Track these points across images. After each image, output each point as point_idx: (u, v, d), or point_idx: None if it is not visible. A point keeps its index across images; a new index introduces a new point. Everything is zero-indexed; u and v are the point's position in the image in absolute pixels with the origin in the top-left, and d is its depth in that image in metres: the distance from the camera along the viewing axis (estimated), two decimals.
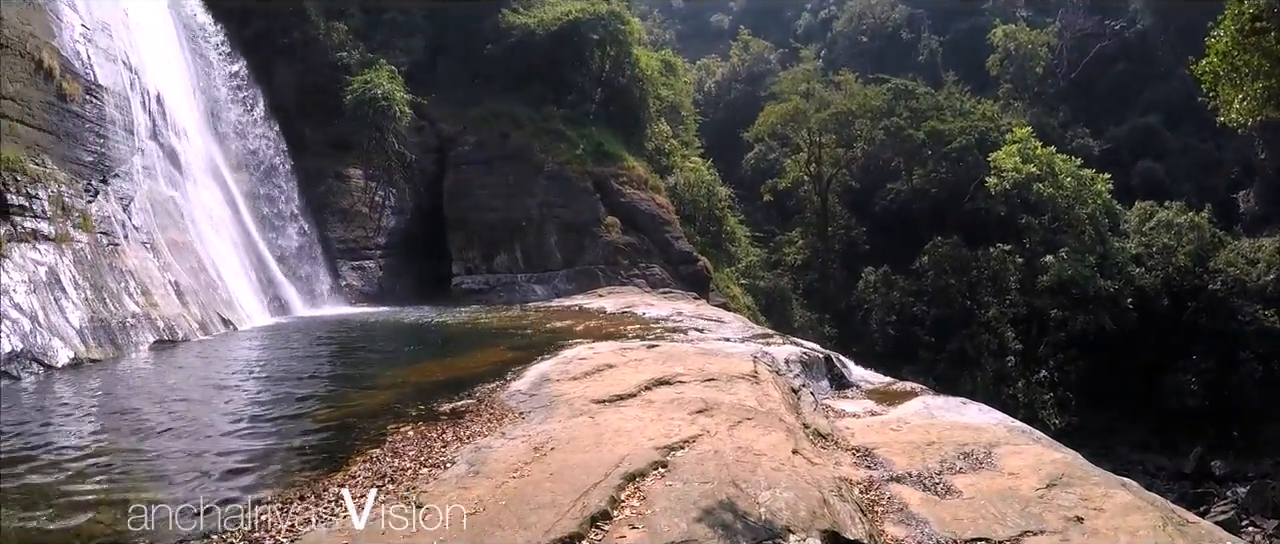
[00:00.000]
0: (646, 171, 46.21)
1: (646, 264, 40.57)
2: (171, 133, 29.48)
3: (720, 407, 10.78)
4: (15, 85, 21.57)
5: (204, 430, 12.08)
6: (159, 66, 29.71)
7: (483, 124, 43.41)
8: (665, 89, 56.58)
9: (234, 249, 31.05)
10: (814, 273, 59.01)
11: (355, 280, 37.24)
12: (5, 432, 12.01)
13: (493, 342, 21.14)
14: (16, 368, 16.78)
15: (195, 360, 20.80)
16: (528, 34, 46.16)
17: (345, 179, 39.00)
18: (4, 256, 18.73)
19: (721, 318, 25.52)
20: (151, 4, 30.93)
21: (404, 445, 10.10)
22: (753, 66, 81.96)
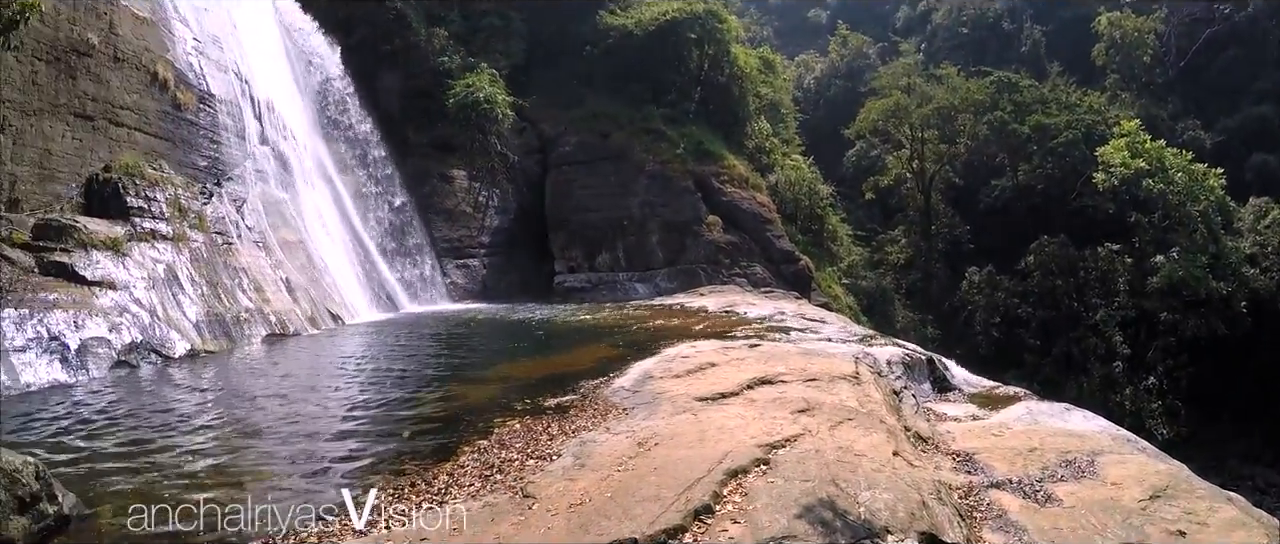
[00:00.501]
0: (747, 170, 45.60)
1: (748, 263, 40.03)
2: (281, 137, 30.41)
3: (821, 407, 10.65)
4: (132, 96, 22.62)
5: (316, 419, 12.37)
6: (268, 75, 30.76)
7: (583, 125, 43.62)
8: (764, 86, 56.02)
9: (342, 247, 31.84)
10: (917, 272, 57.54)
11: (460, 278, 37.74)
12: (125, 418, 12.54)
13: (595, 339, 21.20)
14: (136, 358, 17.47)
15: (306, 353, 21.39)
16: (625, 35, 46.15)
17: (449, 180, 39.61)
18: (125, 255, 19.51)
19: (823, 318, 25.15)
20: (258, 16, 32.01)
21: (511, 438, 10.22)
22: (852, 62, 79.98)
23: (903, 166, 60.00)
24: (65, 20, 20.38)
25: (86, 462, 9.82)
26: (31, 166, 19.27)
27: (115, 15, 22.23)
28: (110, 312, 17.80)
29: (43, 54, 19.60)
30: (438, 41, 41.39)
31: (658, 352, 16.20)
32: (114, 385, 15.69)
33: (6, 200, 18.44)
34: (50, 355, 15.80)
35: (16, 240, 17.65)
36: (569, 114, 44.14)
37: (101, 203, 20.79)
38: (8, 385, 14.43)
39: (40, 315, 16.18)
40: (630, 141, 42.86)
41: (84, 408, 13.38)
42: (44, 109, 19.73)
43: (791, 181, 50.51)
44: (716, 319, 24.92)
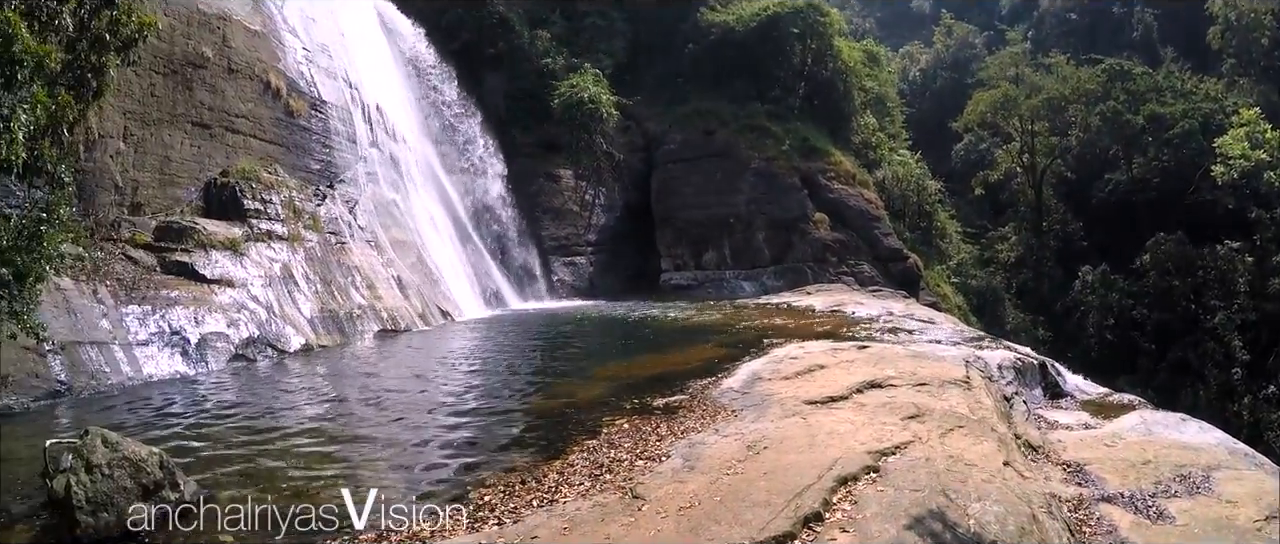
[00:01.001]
0: (854, 166, 44.96)
1: (855, 261, 39.43)
2: (391, 140, 31.12)
3: (932, 413, 10.43)
4: (247, 104, 23.44)
5: (427, 413, 12.55)
6: (376, 80, 31.50)
7: (687, 122, 43.47)
8: (869, 80, 54.98)
9: (451, 246, 32.40)
10: (1027, 271, 55.53)
11: (566, 276, 38.08)
12: (243, 409, 12.96)
13: (702, 338, 21.05)
14: (253, 352, 18.06)
15: (417, 348, 21.81)
16: (727, 31, 45.89)
17: (556, 179, 39.99)
18: (243, 254, 20.21)
19: (932, 319, 24.58)
20: (365, 24, 32.86)
21: (619, 437, 10.19)
22: (957, 52, 78.20)
23: (1012, 160, 58.39)
24: (180, 35, 21.19)
25: (207, 450, 10.17)
26: (153, 172, 20.06)
27: (228, 29, 23.05)
28: (228, 308, 18.41)
29: (160, 68, 20.41)
30: (541, 43, 41.90)
31: (766, 352, 16.03)
32: (232, 378, 16.26)
33: (130, 204, 19.23)
34: (171, 349, 16.43)
35: (139, 241, 18.41)
36: (673, 112, 44.09)
37: (220, 205, 21.54)
38: (131, 376, 15.06)
39: (162, 311, 16.84)
40: (735, 138, 42.57)
41: (204, 398, 13.91)
42: (163, 119, 20.55)
43: (899, 177, 49.77)
44: (824, 319, 24.64)
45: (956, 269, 50.19)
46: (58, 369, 13.86)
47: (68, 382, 13.89)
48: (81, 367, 14.39)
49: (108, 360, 14.99)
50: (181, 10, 21.40)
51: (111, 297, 16.22)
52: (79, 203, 17.74)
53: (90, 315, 15.38)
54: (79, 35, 11.09)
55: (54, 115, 10.12)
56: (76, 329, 14.88)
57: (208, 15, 22.37)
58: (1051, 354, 23.39)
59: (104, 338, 15.30)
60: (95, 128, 18.12)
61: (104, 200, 18.54)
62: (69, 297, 15.16)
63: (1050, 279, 53.87)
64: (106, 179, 18.71)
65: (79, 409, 13.02)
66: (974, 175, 60.21)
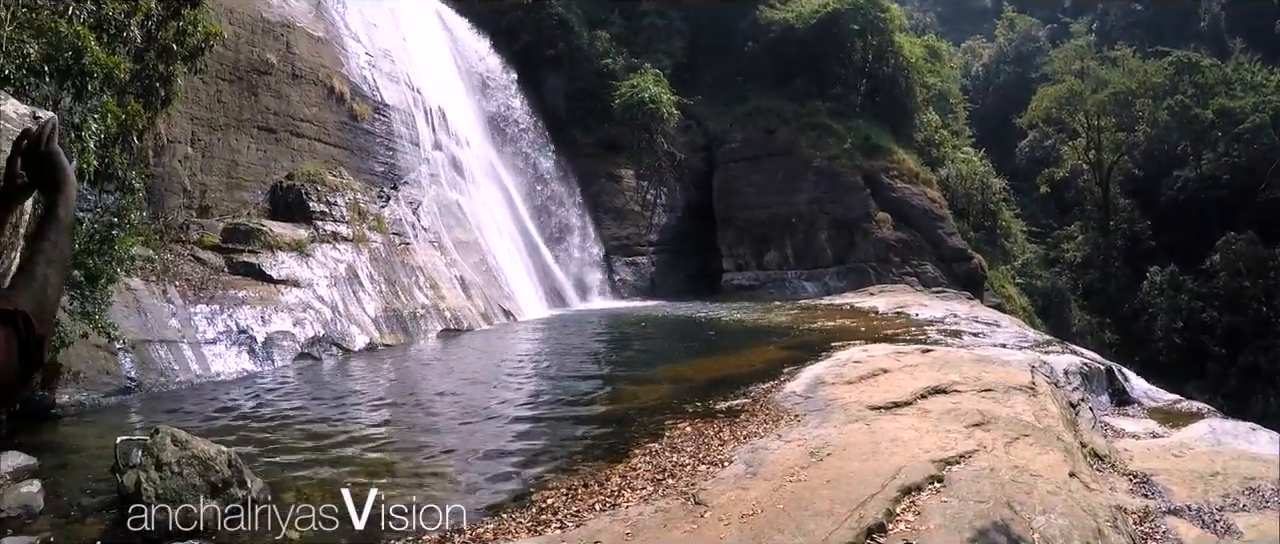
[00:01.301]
0: (917, 164, 44.39)
1: (918, 261, 38.96)
2: (453, 142, 31.54)
3: (997, 420, 10.15)
4: (311, 109, 23.94)
5: (489, 413, 12.64)
6: (438, 83, 31.99)
7: (748, 121, 43.28)
8: (931, 76, 54.13)
9: (514, 246, 32.66)
10: (1094, 272, 54.28)
11: (628, 275, 38.17)
12: (308, 407, 13.24)
13: (764, 339, 20.96)
14: (318, 350, 18.42)
15: (479, 348, 22.02)
16: (787, 29, 45.63)
17: (617, 179, 40.15)
18: (308, 255, 20.63)
19: (997, 321, 24.19)
20: (427, 28, 33.36)
21: (682, 441, 10.10)
22: (1020, 46, 76.73)
23: (1078, 157, 57.42)
24: (245, 43, 21.75)
25: (273, 447, 10.39)
26: (220, 176, 20.59)
27: (291, 36, 23.61)
28: (294, 308, 18.82)
29: (226, 75, 20.97)
30: (600, 43, 42.06)
31: (829, 355, 15.84)
32: (297, 376, 16.59)
33: (198, 207, 19.75)
34: (238, 347, 16.86)
35: (208, 243, 18.90)
36: (733, 111, 43.95)
37: (286, 208, 22.04)
38: (199, 374, 15.48)
39: (230, 311, 17.28)
40: (796, 137, 42.23)
41: (270, 396, 14.20)
42: (230, 124, 21.11)
43: (963, 175, 49.00)
44: (887, 321, 24.42)
45: (1021, 269, 49.15)
46: (128, 366, 14.27)
47: (137, 378, 14.31)
48: (151, 364, 14.82)
49: (176, 358, 15.43)
50: (247, 19, 21.95)
51: (180, 296, 16.69)
52: (149, 206, 18.19)
53: (160, 314, 15.84)
54: (147, 46, 11.50)
55: (124, 124, 10.52)
56: (146, 328, 15.33)
57: (272, 23, 22.92)
58: (1118, 358, 22.99)
59: (173, 336, 15.75)
60: (164, 133, 18.62)
61: (173, 203, 19.06)
62: (139, 296, 15.63)
63: (1117, 280, 52.73)
64: (175, 183, 19.23)
65: (148, 405, 13.40)
66: (1039, 172, 59.21)
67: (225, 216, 20.33)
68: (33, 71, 9.21)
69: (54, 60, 9.40)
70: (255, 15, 22.34)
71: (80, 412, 12.67)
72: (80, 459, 9.83)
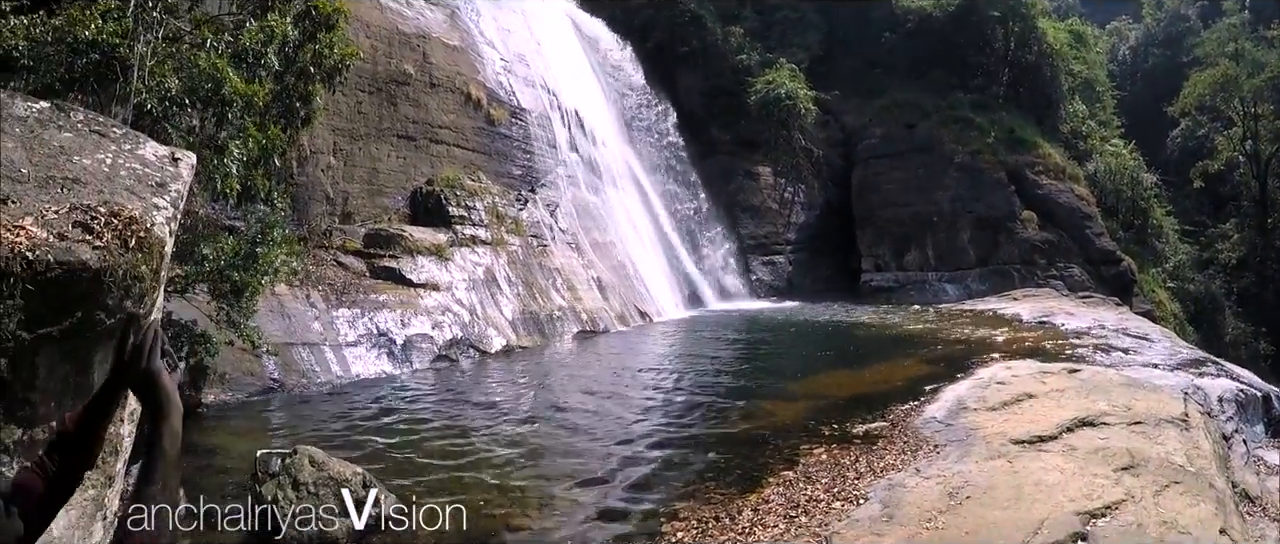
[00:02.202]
0: (1063, 158, 42.64)
1: (1065, 264, 37.58)
2: (590, 143, 31.84)
3: (1147, 463, 9.61)
4: (449, 116, 24.55)
5: (623, 429, 12.56)
6: (573, 85, 32.29)
7: (887, 115, 42.49)
8: (1077, 63, 51.54)
9: (650, 246, 32.82)
10: (1250, 275, 50.71)
11: (765, 275, 37.98)
12: (442, 411, 13.64)
13: (905, 350, 20.58)
14: (455, 352, 18.83)
15: (614, 351, 22.22)
16: (924, 18, 44.83)
17: (754, 177, 39.94)
18: (448, 259, 21.16)
19: (1147, 333, 22.96)
20: (560, 31, 33.72)
21: (817, 471, 9.90)
22: (1169, 27, 72.35)
23: (1234, 148, 53.66)
24: (382, 56, 22.46)
25: (403, 458, 10.64)
26: (361, 183, 21.32)
27: (428, 47, 24.24)
28: (433, 311, 19.32)
29: (365, 87, 21.70)
30: (734, 39, 41.93)
31: (971, 371, 15.61)
32: (434, 378, 17.03)
33: (340, 214, 20.49)
34: (378, 349, 17.41)
35: (350, 248, 19.57)
36: (871, 104, 43.18)
37: (425, 213, 22.65)
38: (340, 375, 16.05)
39: (370, 314, 17.86)
40: (938, 131, 41.31)
41: (408, 400, 14.65)
42: (370, 134, 21.83)
43: (1111, 170, 46.61)
44: (1031, 331, 23.72)
45: (1173, 272, 46.23)
46: (271, 368, 14.88)
47: (280, 379, 14.92)
48: (293, 366, 15.44)
49: (318, 360, 16.05)
50: (383, 32, 22.64)
51: (323, 301, 17.34)
52: (293, 213, 18.86)
53: (303, 318, 16.51)
54: (285, 69, 12.03)
55: (264, 146, 11.05)
56: (290, 331, 15.98)
57: (408, 35, 23.58)
58: (1274, 371, 21.86)
59: (315, 339, 16.39)
60: (307, 145, 19.34)
61: (316, 210, 19.81)
62: (284, 301, 16.32)
63: (1274, 285, 49.27)
64: (318, 191, 19.99)
65: (289, 406, 13.97)
66: (1191, 165, 55.07)
67: (366, 222, 21.01)
68: (175, 103, 9.78)
69: (195, 92, 9.95)
70: (392, 28, 23.03)
71: (224, 411, 13.27)
72: (221, 462, 10.26)
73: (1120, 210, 45.76)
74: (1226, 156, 53.43)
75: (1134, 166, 48.32)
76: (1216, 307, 45.78)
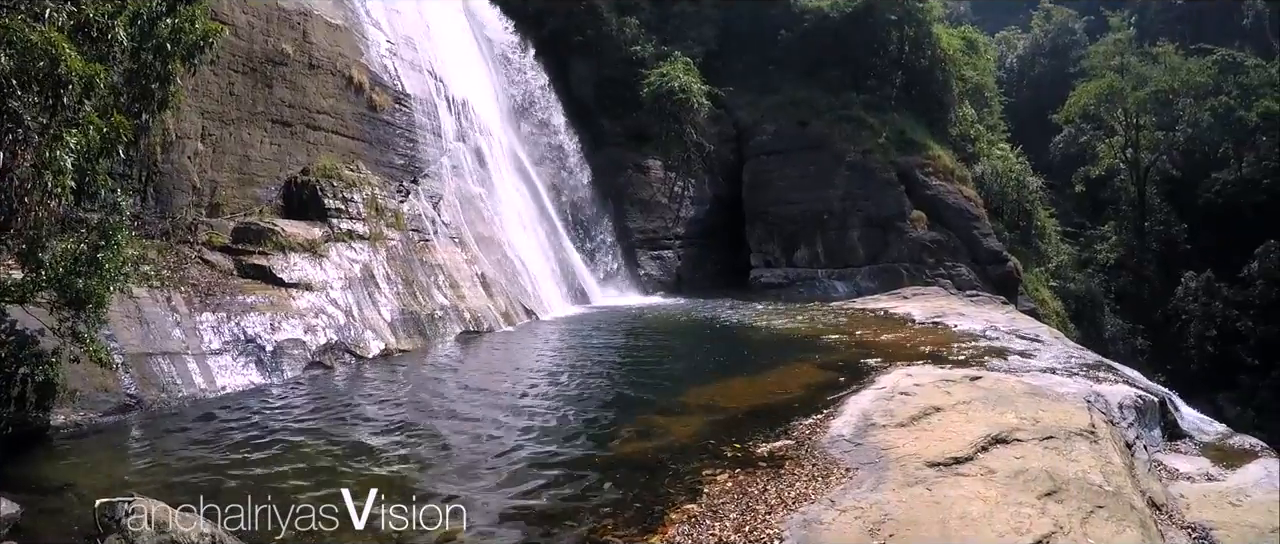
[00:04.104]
0: (952, 160, 43.49)
1: (953, 263, 38.22)
2: (477, 133, 30.66)
3: (1068, 486, 9.16)
4: (328, 100, 23.03)
5: (506, 450, 11.49)
6: (462, 72, 31.08)
7: (779, 112, 42.50)
8: (968, 69, 52.73)
9: (537, 241, 31.90)
10: (1127, 275, 53.85)
11: (653, 270, 37.53)
12: (313, 432, 12.30)
13: (800, 353, 19.78)
14: (330, 359, 17.51)
15: (498, 355, 21.32)
16: (821, 18, 44.81)
17: (644, 170, 39.54)
18: (322, 256, 19.75)
19: (1038, 334, 22.86)
20: (450, 15, 32.46)
21: (723, 503, 8.92)
22: (1057, 37, 75.29)
23: (1115, 155, 56.40)
24: (259, 33, 20.76)
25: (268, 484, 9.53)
26: (231, 172, 19.70)
27: (308, 24, 22.61)
28: (306, 313, 17.91)
29: (238, 66, 20.00)
30: (629, 30, 41.33)
31: (871, 379, 14.98)
32: (307, 388, 15.71)
33: (208, 205, 18.86)
34: (246, 358, 15.91)
35: (217, 244, 18.00)
36: (765, 101, 43.18)
37: (300, 205, 21.12)
38: (204, 388, 14.58)
39: (237, 318, 16.36)
40: (829, 130, 41.54)
41: (274, 416, 13.38)
42: (242, 117, 20.15)
43: (998, 173, 47.79)
44: (925, 333, 23.33)
45: (1055, 272, 48.00)
46: (128, 383, 13.38)
47: (138, 395, 13.40)
48: (152, 379, 13.94)
49: (180, 372, 14.54)
50: (261, 7, 20.96)
51: (186, 304, 15.81)
52: (156, 204, 17.49)
53: (163, 325, 14.96)
54: (141, 44, 10.57)
55: (107, 136, 9.58)
56: (148, 340, 14.46)
57: (288, 11, 21.93)
58: (1149, 366, 22.28)
59: (177, 348, 14.86)
60: (172, 129, 17.74)
61: (181, 202, 18.14)
62: (142, 305, 14.74)
63: (1150, 285, 52.16)
64: (184, 180, 18.33)
65: (148, 426, 12.56)
66: (1072, 170, 58.37)
67: (236, 215, 19.44)
68: (2, 86, 8.31)
69: (25, 71, 8.49)
70: (270, 3, 21.35)
71: (77, 434, 11.85)
72: (68, 502, 9.01)
73: (1006, 212, 47.00)
74: (1107, 163, 56.59)
75: (1020, 170, 49.95)
76: (1096, 305, 47.93)
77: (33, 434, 11.21)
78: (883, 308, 29.23)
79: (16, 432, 10.85)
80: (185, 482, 9.59)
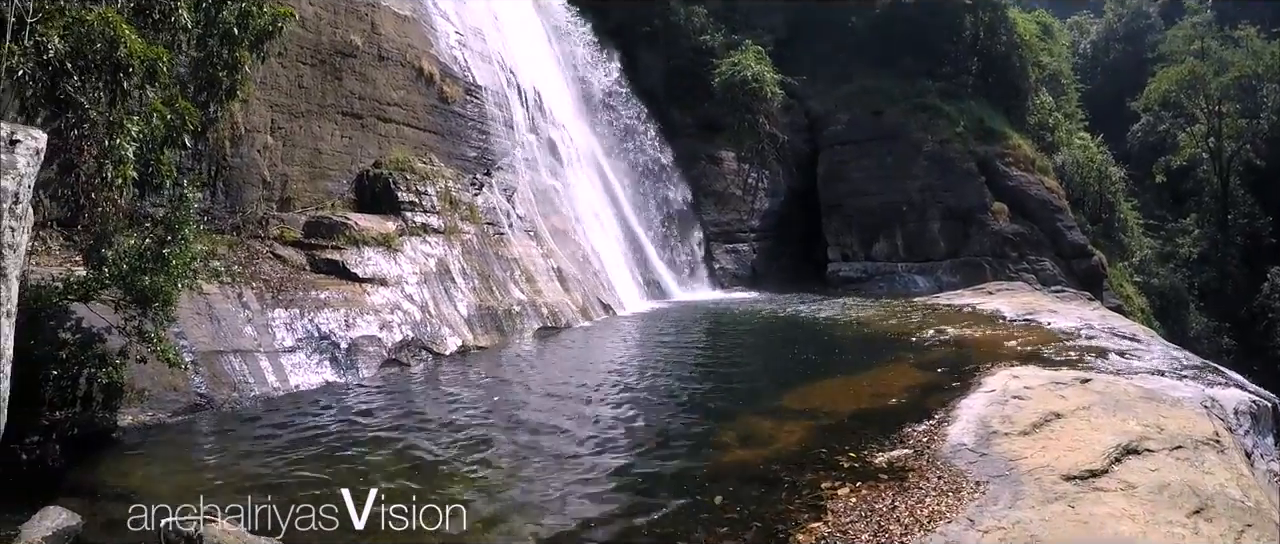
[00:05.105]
0: (1032, 150, 42.42)
1: (1036, 257, 37.16)
2: (549, 125, 30.24)
3: (1212, 502, 8.21)
4: (399, 92, 22.59)
5: (596, 458, 10.57)
6: (532, 63, 30.63)
7: (853, 101, 41.75)
8: (1044, 55, 51.83)
9: (612, 234, 31.51)
10: (1211, 270, 51.69)
11: (728, 264, 36.92)
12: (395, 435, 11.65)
13: (892, 352, 18.95)
14: (406, 356, 16.97)
15: (578, 352, 20.64)
16: (893, 4, 43.92)
17: (717, 162, 38.88)
18: (397, 251, 19.23)
19: (1134, 333, 21.57)
20: (518, 6, 32.02)
21: (852, 523, 7.90)
22: (1131, 22, 73.34)
23: (1197, 144, 54.41)
24: (326, 25, 20.35)
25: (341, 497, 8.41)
26: (302, 166, 19.28)
27: (376, 16, 22.20)
28: (381, 309, 17.40)
29: (307, 58, 19.61)
30: (697, 19, 40.85)
31: (976, 381, 14.02)
32: (383, 387, 15.14)
33: (278, 199, 18.45)
34: (320, 355, 15.38)
35: (288, 238, 17.52)
36: (838, 90, 42.42)
37: (372, 198, 20.66)
38: (276, 386, 14.04)
39: (311, 315, 15.86)
40: (905, 119, 40.70)
41: (351, 417, 12.77)
42: (312, 110, 19.75)
43: (1079, 163, 46.88)
44: (1020, 331, 21.99)
45: (1139, 267, 46.51)
46: (198, 382, 12.81)
47: (209, 395, 12.84)
48: (223, 378, 13.41)
49: (252, 370, 14.05)
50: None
51: (257, 300, 15.34)
52: (226, 199, 17.10)
53: (234, 322, 14.49)
54: (206, 31, 10.10)
55: (172, 123, 9.08)
56: (219, 337, 13.98)
57: (356, 2, 21.49)
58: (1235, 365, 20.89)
59: (248, 346, 14.37)
60: (242, 123, 17.34)
61: (252, 196, 17.75)
62: (212, 302, 14.27)
63: (1234, 280, 50.34)
64: (254, 174, 17.94)
65: (219, 428, 11.99)
66: (1151, 159, 56.60)
67: (307, 209, 18.97)
68: (58, 70, 7.81)
69: (81, 54, 7.99)
70: None
71: (144, 435, 11.26)
72: (132, 512, 7.96)
73: (1087, 204, 45.96)
74: (1188, 152, 54.50)
75: (1102, 160, 48.79)
76: (1181, 301, 46.34)
77: (99, 436, 10.74)
78: (969, 304, 28.13)
79: (82, 433, 10.46)
80: (254, 486, 8.99)
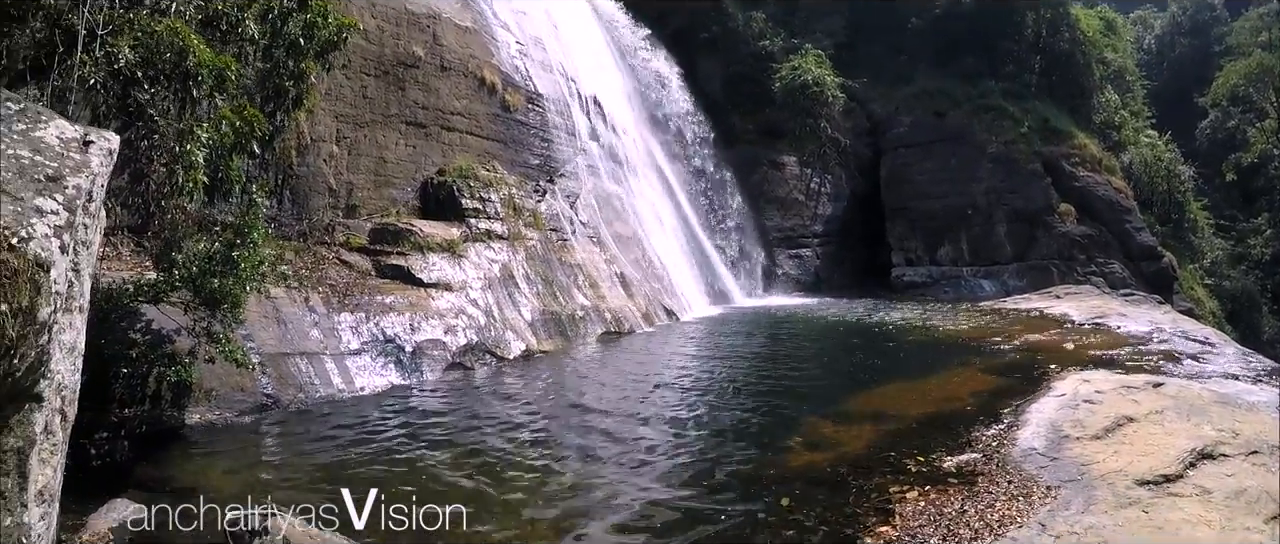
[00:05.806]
0: (1098, 149, 41.56)
1: (1105, 259, 36.42)
2: (610, 131, 30.43)
3: None
4: (461, 101, 22.97)
5: (666, 462, 10.58)
6: (592, 71, 30.92)
7: (915, 103, 41.38)
8: (1108, 51, 50.83)
9: (675, 239, 31.54)
10: None
11: (792, 269, 36.76)
12: (458, 436, 11.80)
13: (960, 356, 18.96)
14: (470, 359, 17.19)
15: (642, 357, 20.64)
16: (953, 4, 43.43)
17: (779, 167, 38.73)
18: (461, 256, 19.53)
19: (1207, 337, 21.33)
20: (577, 15, 32.32)
21: (920, 526, 7.85)
22: (1195, 15, 71.62)
23: (1268, 140, 52.70)
24: (389, 36, 20.81)
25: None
26: (367, 174, 19.71)
27: (438, 27, 22.60)
28: (446, 314, 17.68)
29: (371, 70, 20.08)
30: (756, 25, 40.84)
31: (1046, 386, 13.96)
32: (447, 390, 15.32)
33: (344, 207, 18.87)
34: (385, 358, 15.69)
35: (354, 245, 17.91)
36: (899, 92, 42.09)
37: (437, 205, 21.05)
38: (342, 388, 14.35)
39: (376, 319, 16.19)
40: (968, 120, 40.14)
41: (415, 419, 12.93)
42: (376, 120, 20.21)
43: (1146, 162, 45.79)
44: (1089, 335, 22.02)
45: (1210, 269, 45.38)
46: (265, 382, 13.15)
47: (275, 395, 13.16)
48: (290, 379, 13.74)
49: (318, 372, 14.39)
50: (390, 11, 20.99)
51: (324, 304, 15.70)
52: (293, 207, 17.53)
53: (301, 325, 14.85)
54: (272, 41, 10.40)
55: (240, 130, 9.38)
56: (286, 339, 14.33)
57: (417, 14, 21.93)
58: None
59: (314, 348, 14.71)
60: (307, 132, 17.80)
61: (318, 204, 18.20)
62: (279, 305, 14.65)
63: None
64: (320, 182, 18.38)
65: (285, 427, 12.22)
66: (1222, 157, 54.77)
67: (373, 216, 19.39)
68: (128, 79, 8.14)
69: (151, 63, 8.31)
70: (399, 7, 21.37)
71: (211, 433, 11.55)
72: (197, 507, 8.14)
73: (1155, 204, 44.72)
74: (1259, 149, 52.80)
75: (1170, 159, 47.57)
76: (1253, 304, 45.19)
77: (167, 433, 11.09)
78: (1037, 308, 27.94)
79: (150, 430, 10.81)
80: (321, 484, 9.21)
